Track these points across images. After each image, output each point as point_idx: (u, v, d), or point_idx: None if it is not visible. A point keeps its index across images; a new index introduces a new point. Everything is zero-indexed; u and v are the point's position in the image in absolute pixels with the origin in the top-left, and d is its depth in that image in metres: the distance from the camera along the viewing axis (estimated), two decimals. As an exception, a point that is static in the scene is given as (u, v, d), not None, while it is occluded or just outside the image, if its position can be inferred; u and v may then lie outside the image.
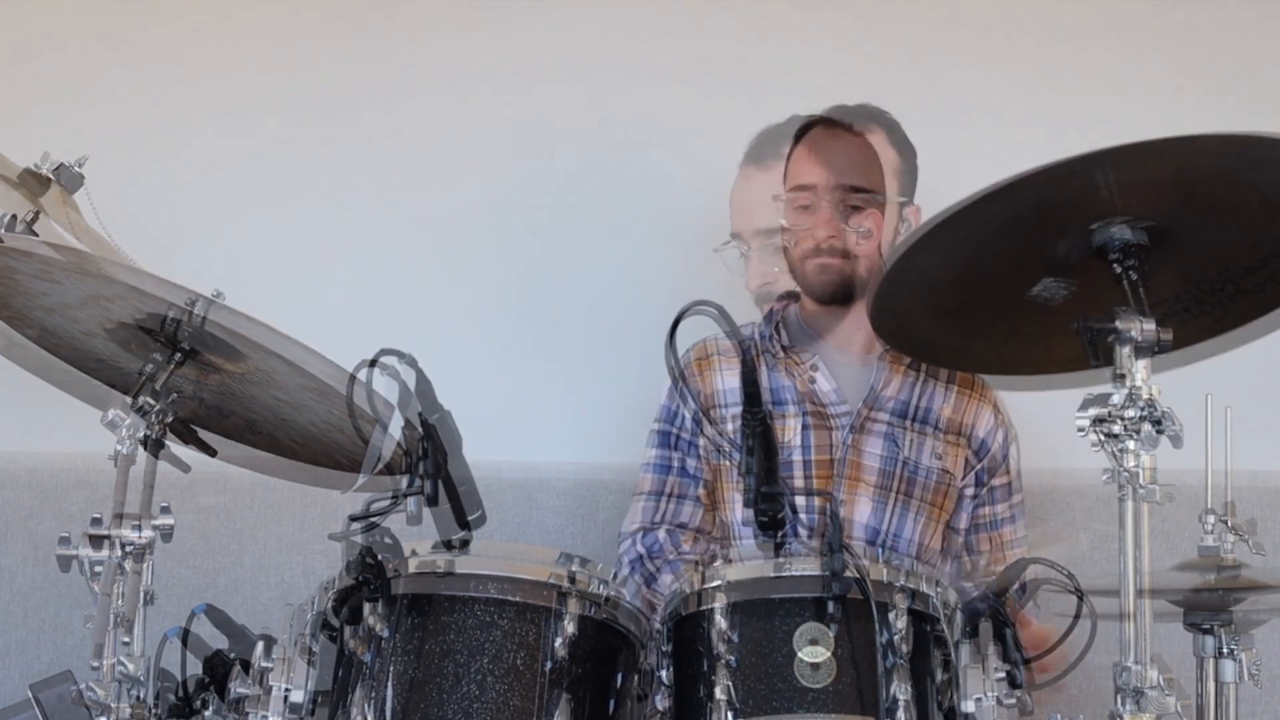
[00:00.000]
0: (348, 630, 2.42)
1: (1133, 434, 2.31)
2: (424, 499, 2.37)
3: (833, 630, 2.33)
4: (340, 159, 3.73)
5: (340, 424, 2.63)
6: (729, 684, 2.34)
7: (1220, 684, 2.71)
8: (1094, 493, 3.50)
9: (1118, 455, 2.32)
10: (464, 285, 3.74)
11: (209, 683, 2.49)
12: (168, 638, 2.49)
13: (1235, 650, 2.70)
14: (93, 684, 2.41)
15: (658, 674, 2.46)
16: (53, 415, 3.39)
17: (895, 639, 2.36)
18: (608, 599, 2.43)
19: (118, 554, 2.43)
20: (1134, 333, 2.34)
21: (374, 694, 2.34)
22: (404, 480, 2.41)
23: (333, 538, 2.37)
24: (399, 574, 2.35)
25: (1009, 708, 2.37)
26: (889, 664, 2.34)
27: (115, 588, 2.42)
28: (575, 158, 3.76)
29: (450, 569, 2.40)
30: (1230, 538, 2.72)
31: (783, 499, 2.34)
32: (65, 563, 2.44)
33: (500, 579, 2.39)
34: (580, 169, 3.76)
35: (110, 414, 2.53)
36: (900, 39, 3.77)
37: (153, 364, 2.58)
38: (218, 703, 2.47)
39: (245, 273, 3.41)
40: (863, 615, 2.34)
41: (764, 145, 3.58)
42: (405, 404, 2.38)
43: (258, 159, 3.72)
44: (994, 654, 2.38)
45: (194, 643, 2.53)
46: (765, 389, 3.13)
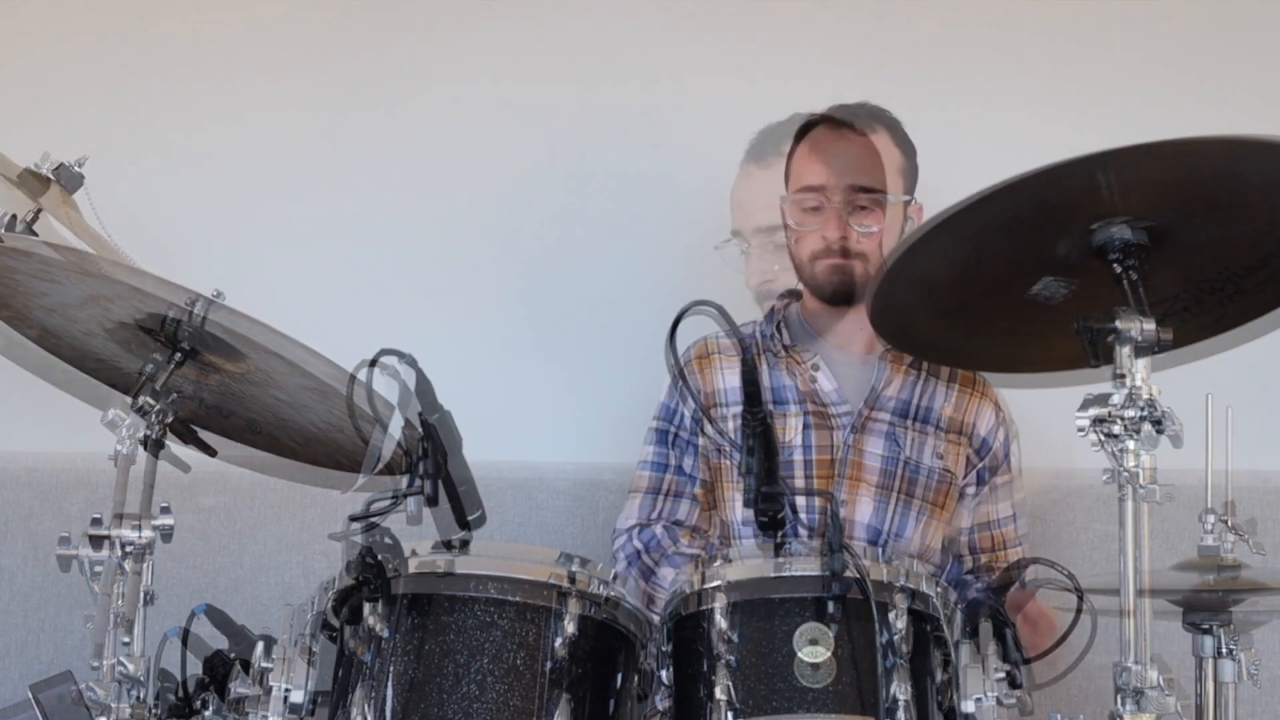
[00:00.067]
0: (348, 630, 2.42)
1: (1133, 434, 2.31)
2: (424, 499, 2.37)
3: (833, 630, 2.33)
4: (340, 159, 3.72)
5: (340, 424, 2.63)
6: (729, 684, 2.34)
7: (1220, 684, 2.71)
8: (1094, 493, 3.50)
9: (1118, 455, 2.32)
10: (464, 285, 3.74)
11: (209, 683, 2.49)
12: (168, 638, 2.49)
13: (1235, 650, 2.70)
14: (93, 684, 2.41)
15: (658, 674, 2.46)
16: (53, 415, 3.40)
17: (895, 639, 2.35)
18: (608, 599, 2.43)
19: (118, 554, 2.43)
20: (1134, 333, 2.34)
21: (374, 694, 2.33)
22: (404, 480, 2.41)
23: (333, 538, 2.37)
24: (399, 574, 2.34)
25: (1009, 708, 2.36)
26: (889, 664, 2.33)
27: (115, 588, 2.42)
28: (575, 157, 3.75)
29: (450, 569, 2.39)
30: (1230, 537, 2.72)
31: (783, 499, 2.34)
32: (65, 563, 2.44)
33: (500, 579, 2.39)
34: (580, 169, 3.76)
35: (110, 414, 2.53)
36: (901, 38, 3.77)
37: (153, 364, 2.58)
38: (218, 703, 2.47)
39: (245, 273, 3.41)
40: (863, 615, 2.34)
41: (765, 143, 3.58)
42: (405, 404, 2.38)
43: (258, 159, 3.71)
44: (994, 654, 2.38)
45: (194, 643, 2.52)
46: (766, 388, 3.13)
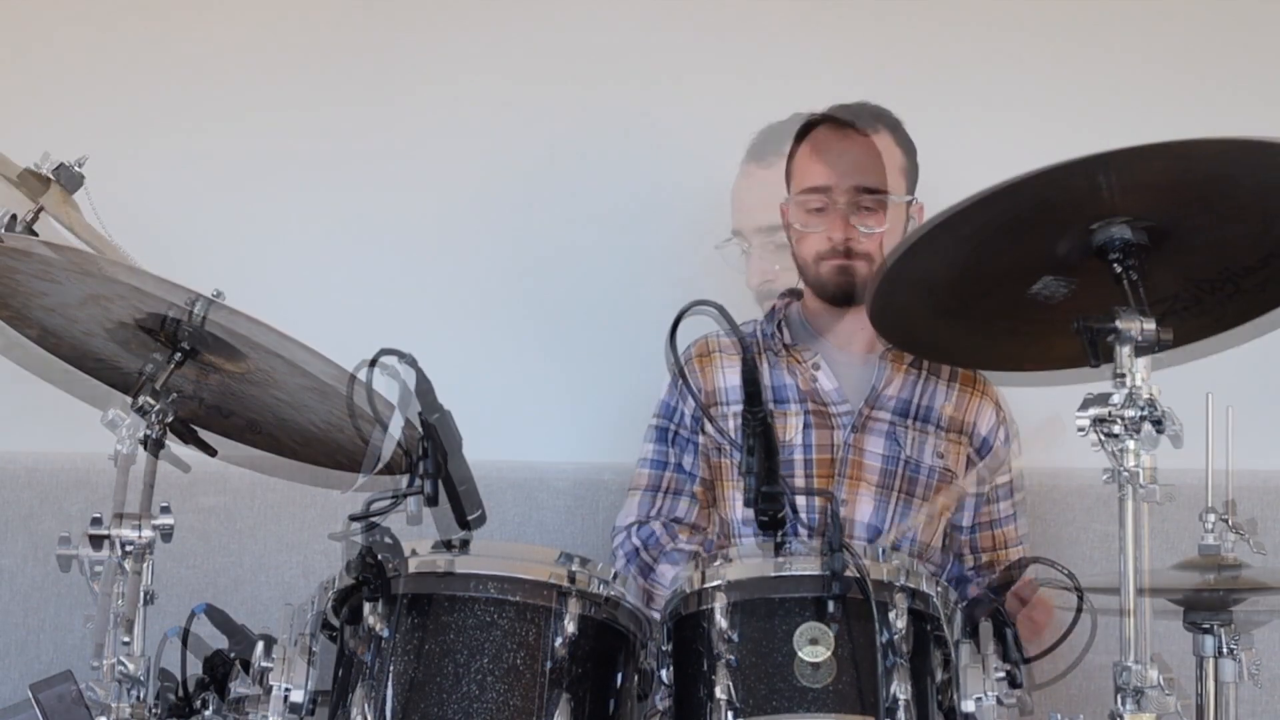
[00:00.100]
0: (348, 630, 2.42)
1: (1133, 434, 2.31)
2: (424, 499, 2.36)
3: (833, 630, 2.33)
4: (340, 159, 3.72)
5: (340, 424, 2.63)
6: (729, 684, 2.34)
7: (1220, 684, 2.71)
8: (1094, 493, 3.50)
9: (1118, 455, 2.32)
10: (464, 285, 3.74)
11: (209, 683, 2.49)
12: (168, 638, 2.49)
13: (1235, 650, 2.70)
14: (93, 684, 2.41)
15: (658, 674, 2.46)
16: (53, 415, 3.41)
17: (895, 639, 2.35)
18: (608, 599, 2.43)
19: (118, 554, 2.43)
20: (1134, 333, 2.34)
21: (374, 694, 2.33)
22: (404, 480, 2.41)
23: (333, 538, 2.37)
24: (399, 574, 2.34)
25: (1009, 708, 2.36)
26: (889, 664, 2.33)
27: (115, 588, 2.42)
28: (575, 157, 3.75)
29: (450, 569, 2.39)
30: (1231, 537, 2.72)
31: (783, 498, 2.34)
32: (65, 563, 2.44)
33: (500, 579, 2.39)
34: (580, 168, 3.75)
35: (110, 414, 2.53)
36: (901, 38, 3.77)
37: (153, 364, 2.58)
38: (218, 703, 2.47)
39: (245, 273, 3.41)
40: (863, 615, 2.33)
41: (766, 143, 3.58)
42: (405, 404, 2.38)
43: (258, 159, 3.71)
44: (994, 654, 2.38)
45: (194, 643, 2.52)
46: (767, 387, 3.12)
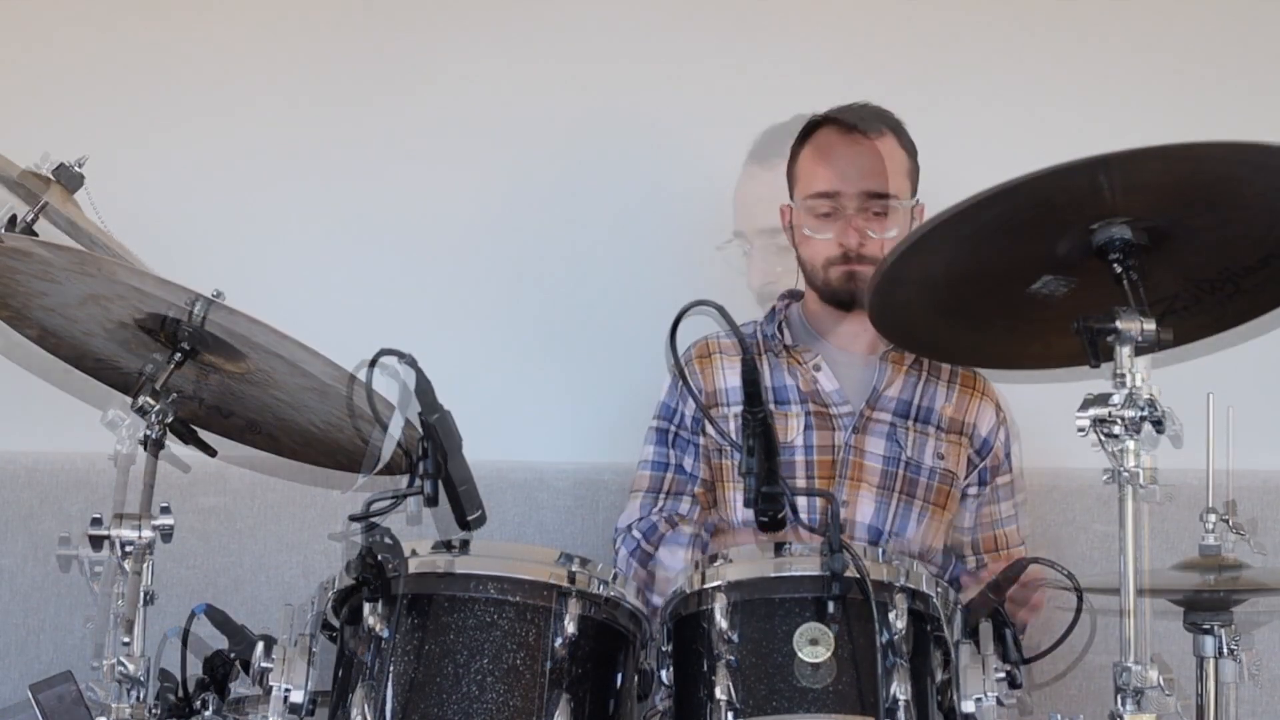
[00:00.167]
0: (348, 630, 2.42)
1: (1133, 434, 2.31)
2: (424, 499, 2.36)
3: (833, 630, 2.33)
4: (340, 159, 3.72)
5: (340, 424, 2.63)
6: (729, 684, 2.34)
7: (1220, 684, 2.71)
8: (1094, 493, 3.50)
9: (1118, 455, 2.32)
10: (464, 285, 3.74)
11: (209, 683, 2.49)
12: (168, 638, 2.49)
13: (1235, 650, 2.70)
14: (93, 684, 2.41)
15: (658, 674, 2.46)
16: (53, 415, 3.41)
17: (895, 639, 2.35)
18: (608, 599, 2.43)
19: (118, 554, 2.43)
20: (1134, 332, 2.34)
21: (374, 694, 2.33)
22: (404, 480, 2.41)
23: (333, 538, 2.37)
24: (399, 574, 2.34)
25: (1009, 708, 2.37)
26: (889, 664, 2.33)
27: (115, 588, 2.43)
28: (575, 157, 3.75)
29: (450, 569, 2.39)
30: (1231, 537, 2.72)
31: (783, 499, 2.34)
32: (65, 563, 2.44)
33: (500, 579, 2.39)
34: (580, 169, 3.75)
35: (110, 414, 2.53)
36: (902, 39, 3.77)
37: (153, 364, 2.59)
38: (218, 703, 2.47)
39: (245, 273, 3.40)
40: (863, 615, 2.34)
41: (768, 144, 3.58)
42: (405, 404, 2.38)
43: (258, 159, 3.71)
44: (994, 654, 2.38)
45: (194, 643, 2.52)
46: (768, 387, 3.12)
